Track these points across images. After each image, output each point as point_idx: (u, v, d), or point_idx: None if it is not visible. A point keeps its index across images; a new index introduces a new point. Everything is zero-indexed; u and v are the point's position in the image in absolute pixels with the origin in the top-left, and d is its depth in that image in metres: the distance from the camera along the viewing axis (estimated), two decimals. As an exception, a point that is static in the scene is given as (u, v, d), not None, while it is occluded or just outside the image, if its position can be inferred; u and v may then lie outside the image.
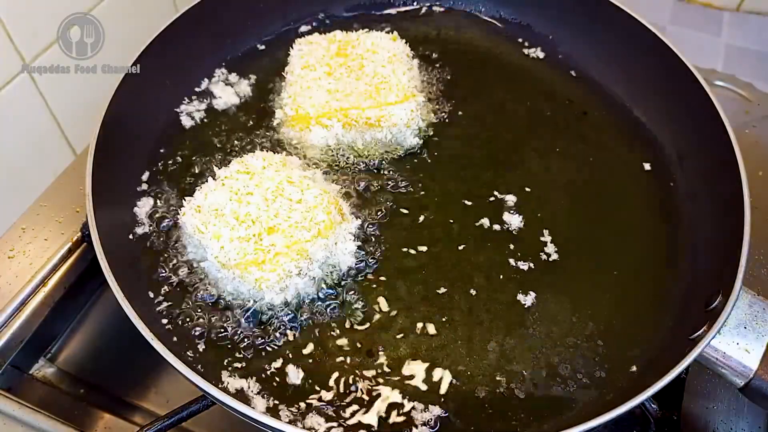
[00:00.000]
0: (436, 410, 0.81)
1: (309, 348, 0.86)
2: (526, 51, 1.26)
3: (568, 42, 1.25)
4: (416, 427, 0.80)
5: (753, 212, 0.87)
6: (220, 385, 0.77)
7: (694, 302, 0.88)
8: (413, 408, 0.81)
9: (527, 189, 1.03)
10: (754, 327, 0.80)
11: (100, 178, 0.90)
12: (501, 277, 0.93)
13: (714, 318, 0.78)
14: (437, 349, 0.87)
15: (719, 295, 0.82)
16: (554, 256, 0.96)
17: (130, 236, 0.95)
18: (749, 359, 0.78)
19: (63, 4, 1.07)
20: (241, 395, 0.81)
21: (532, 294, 0.92)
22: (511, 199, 1.02)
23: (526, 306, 0.91)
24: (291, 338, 0.87)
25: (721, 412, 0.95)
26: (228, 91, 1.16)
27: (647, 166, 1.08)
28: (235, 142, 1.08)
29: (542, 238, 0.98)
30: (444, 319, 0.89)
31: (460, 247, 0.96)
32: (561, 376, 0.85)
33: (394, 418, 0.81)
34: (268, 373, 0.84)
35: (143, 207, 0.99)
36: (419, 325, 0.89)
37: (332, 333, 0.88)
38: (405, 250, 0.96)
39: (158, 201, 1.00)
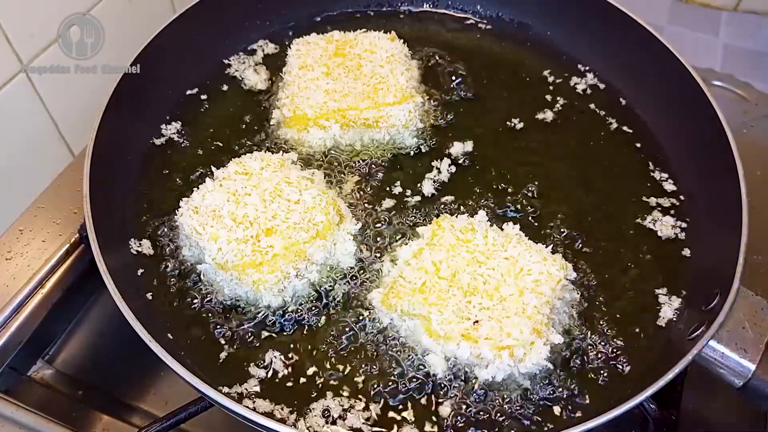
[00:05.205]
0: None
1: (313, 348, 0.86)
2: (525, 49, 1.25)
3: (567, 42, 1.24)
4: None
5: (751, 212, 0.87)
6: (217, 387, 0.77)
7: (692, 302, 0.88)
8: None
9: (535, 188, 1.03)
10: (753, 327, 0.80)
11: (98, 180, 0.90)
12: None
13: (712, 318, 0.78)
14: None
15: (717, 295, 0.82)
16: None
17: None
18: (748, 359, 0.78)
19: (62, 4, 1.06)
20: (238, 397, 0.81)
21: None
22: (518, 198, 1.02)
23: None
24: (294, 340, 0.87)
25: (720, 412, 0.95)
26: (226, 91, 1.16)
27: (647, 166, 1.07)
28: (233, 142, 1.08)
29: (552, 226, 0.99)
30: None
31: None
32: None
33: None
34: (268, 373, 0.84)
35: (142, 207, 0.98)
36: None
37: (335, 332, 0.87)
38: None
39: (157, 201, 1.00)
